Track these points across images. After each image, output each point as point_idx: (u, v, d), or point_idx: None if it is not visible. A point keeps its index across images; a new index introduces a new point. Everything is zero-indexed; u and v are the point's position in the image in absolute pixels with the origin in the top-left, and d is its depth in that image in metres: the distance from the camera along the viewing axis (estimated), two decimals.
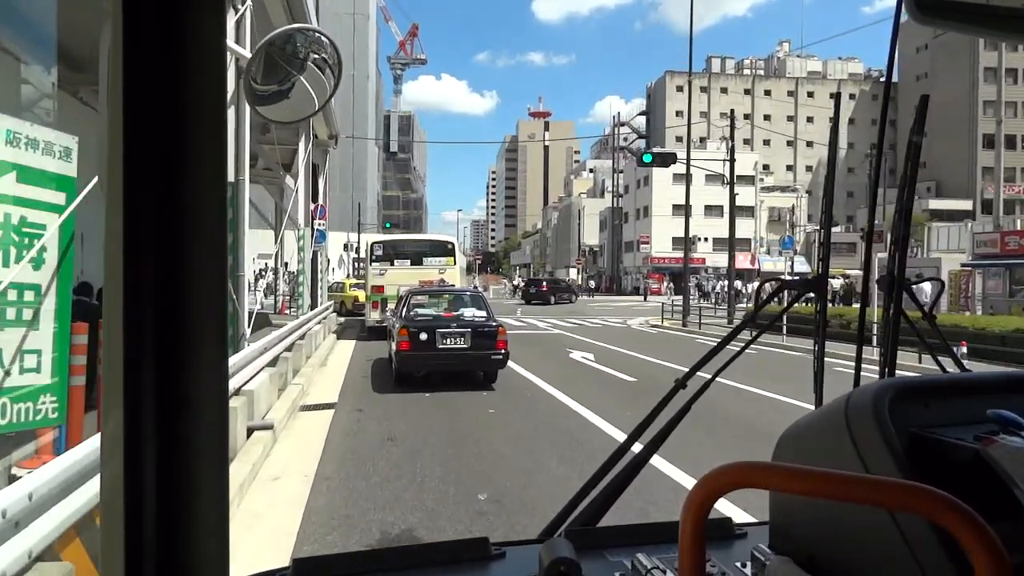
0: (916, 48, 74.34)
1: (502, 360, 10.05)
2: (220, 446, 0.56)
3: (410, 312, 10.81)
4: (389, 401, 9.17)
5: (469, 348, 9.88)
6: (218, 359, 0.55)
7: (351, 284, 29.54)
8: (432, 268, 17.89)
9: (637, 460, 1.23)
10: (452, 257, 18.55)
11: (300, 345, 11.63)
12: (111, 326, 0.53)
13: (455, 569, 0.99)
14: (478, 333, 10.03)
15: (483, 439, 7.14)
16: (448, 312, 11.09)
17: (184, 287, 0.53)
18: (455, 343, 9.86)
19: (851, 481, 0.52)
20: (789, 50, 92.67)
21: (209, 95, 0.54)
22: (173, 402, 0.53)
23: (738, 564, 0.97)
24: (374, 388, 10.28)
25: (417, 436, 7.21)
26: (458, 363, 10.03)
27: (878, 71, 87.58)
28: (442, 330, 9.90)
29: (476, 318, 10.71)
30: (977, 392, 0.90)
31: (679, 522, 0.55)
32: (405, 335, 9.74)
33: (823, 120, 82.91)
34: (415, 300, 11.33)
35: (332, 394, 9.79)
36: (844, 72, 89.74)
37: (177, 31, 0.52)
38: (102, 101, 0.55)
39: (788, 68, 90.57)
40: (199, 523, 0.54)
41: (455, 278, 17.73)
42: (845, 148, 79.51)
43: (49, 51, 9.57)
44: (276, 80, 1.15)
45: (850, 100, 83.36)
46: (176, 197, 0.53)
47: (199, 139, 0.53)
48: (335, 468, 6.05)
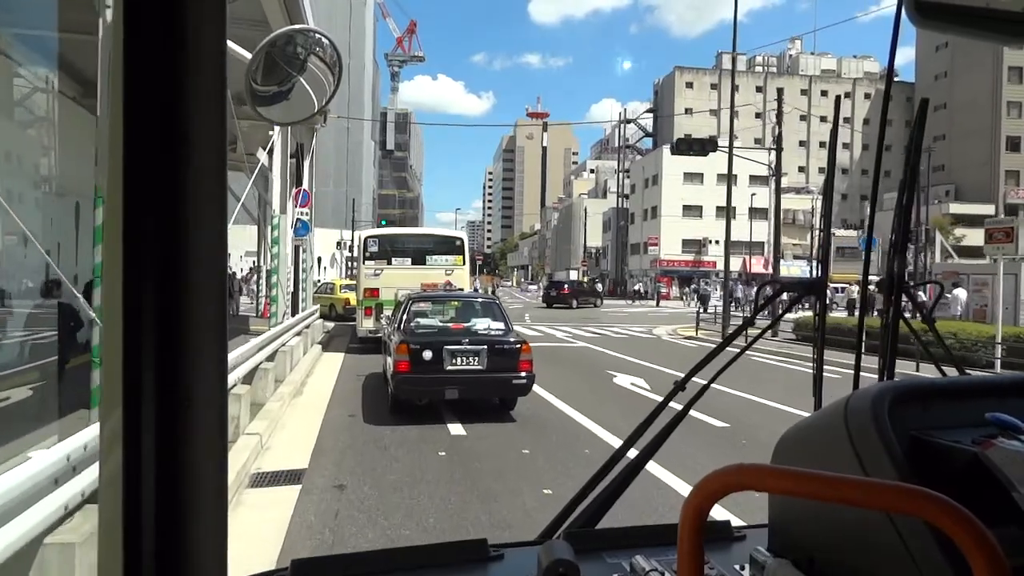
0: (936, 46, 74.19)
1: (526, 384, 8.54)
2: (219, 445, 0.58)
3: (411, 323, 9.35)
4: (385, 460, 6.63)
5: (485, 370, 8.35)
6: (218, 358, 0.57)
7: (342, 285, 27.61)
8: (437, 268, 15.75)
9: (636, 462, 1.25)
10: (461, 256, 16.31)
11: (267, 369, 9.48)
12: (110, 325, 0.54)
13: (454, 571, 1.01)
14: (496, 350, 8.46)
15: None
16: (457, 323, 9.59)
17: (183, 287, 0.54)
18: (467, 363, 8.34)
19: (850, 484, 0.54)
20: (801, 48, 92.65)
21: (209, 95, 0.55)
22: (172, 401, 0.54)
23: (737, 566, 0.99)
24: (363, 435, 7.68)
25: (435, 533, 4.84)
26: (471, 388, 8.46)
27: None
28: (451, 347, 8.33)
29: (492, 331, 9.17)
30: (976, 395, 0.92)
31: (678, 524, 0.57)
32: (405, 353, 8.22)
33: None
34: (417, 308, 9.88)
35: (303, 450, 6.98)
36: (860, 71, 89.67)
37: (177, 32, 0.53)
38: (102, 102, 0.57)
39: (801, 66, 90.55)
40: (198, 522, 0.55)
41: (463, 281, 15.79)
42: (860, 150, 79.46)
43: (49, 53, 9.64)
44: (276, 81, 1.17)
45: (865, 100, 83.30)
46: (175, 197, 0.54)
47: (199, 139, 0.55)
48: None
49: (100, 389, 0.58)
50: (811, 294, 1.23)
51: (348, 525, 4.97)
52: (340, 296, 26.01)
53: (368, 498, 5.55)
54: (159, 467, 0.54)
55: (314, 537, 4.76)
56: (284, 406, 9.02)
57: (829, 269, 1.23)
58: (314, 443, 7.32)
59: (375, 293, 15.55)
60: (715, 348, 1.25)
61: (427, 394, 8.53)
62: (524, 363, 8.48)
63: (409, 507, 5.33)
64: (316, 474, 6.19)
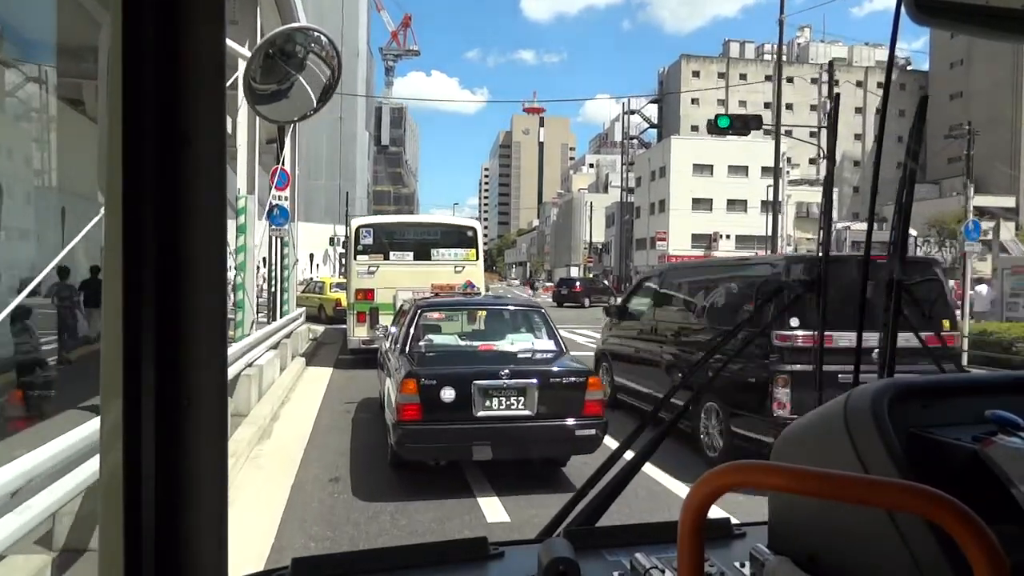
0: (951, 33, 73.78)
1: (595, 437, 5.85)
2: (219, 445, 0.60)
3: (420, 342, 6.72)
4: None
5: (534, 416, 5.75)
6: (218, 358, 0.59)
7: (332, 284, 25.35)
8: (446, 265, 13.20)
9: (636, 460, 1.28)
10: (474, 249, 13.64)
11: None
12: (110, 324, 0.55)
13: (454, 569, 1.03)
14: (551, 386, 5.87)
15: None
16: (487, 343, 6.99)
17: (184, 286, 0.56)
18: (507, 406, 5.73)
19: (850, 481, 0.55)
20: (811, 36, 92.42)
21: (209, 95, 0.57)
22: (172, 400, 0.56)
23: (737, 564, 1.01)
24: (349, 521, 5.21)
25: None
26: (511, 445, 5.81)
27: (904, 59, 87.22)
28: (483, 381, 5.72)
29: (540, 355, 6.63)
30: (976, 393, 0.94)
31: (678, 522, 0.59)
32: (413, 391, 5.58)
33: (849, 110, 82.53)
34: (428, 320, 7.26)
35: (253, 558, 4.27)
36: (871, 59, 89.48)
37: (177, 32, 0.55)
38: (101, 103, 0.59)
39: (811, 54, 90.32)
40: (198, 521, 0.57)
41: (478, 280, 12.94)
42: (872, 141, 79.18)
43: (48, 54, 9.69)
44: (275, 79, 1.18)
45: (878, 88, 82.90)
46: (175, 198, 0.56)
47: (198, 140, 0.56)
48: None
49: (101, 386, 0.58)
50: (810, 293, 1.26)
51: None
52: (330, 296, 24.12)
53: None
54: (159, 465, 0.55)
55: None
56: (239, 463, 6.44)
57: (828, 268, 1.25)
58: (271, 542, 4.74)
59: (369, 295, 13.06)
60: (715, 346, 1.28)
61: (446, 454, 5.90)
62: (592, 405, 5.89)
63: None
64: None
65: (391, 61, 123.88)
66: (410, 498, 5.65)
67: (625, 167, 68.02)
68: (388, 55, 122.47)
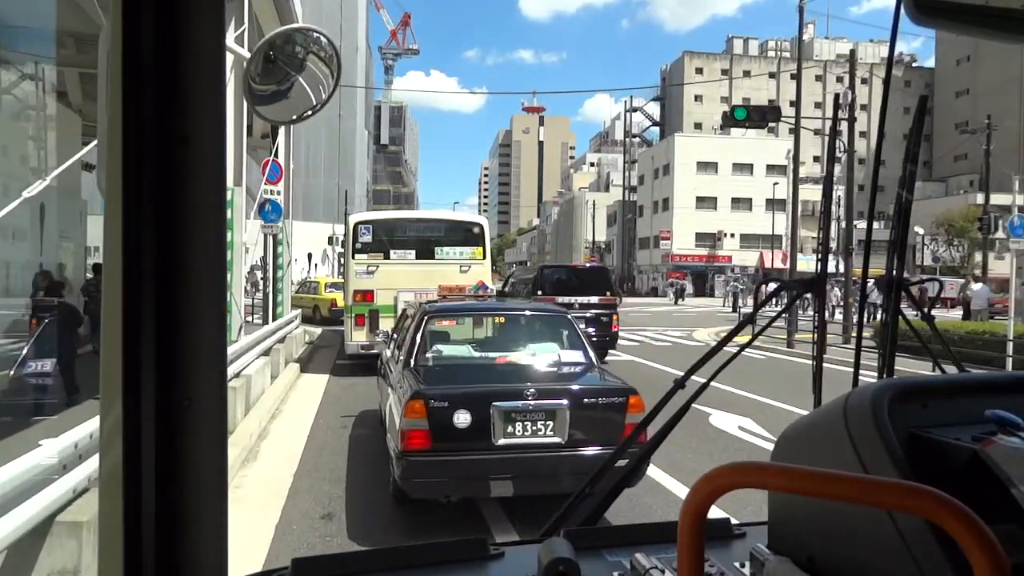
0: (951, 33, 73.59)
1: (639, 467, 2.09)
2: (219, 445, 0.60)
3: (427, 354, 5.87)
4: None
5: (566, 443, 4.89)
6: (218, 358, 0.60)
7: (327, 284, 24.80)
8: (451, 264, 12.49)
9: (636, 460, 1.29)
10: (481, 247, 12.85)
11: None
12: (110, 324, 0.56)
13: (454, 569, 1.04)
14: (586, 405, 5.02)
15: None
16: (505, 355, 6.07)
17: (184, 286, 0.57)
18: (533, 431, 4.88)
19: (849, 481, 0.56)
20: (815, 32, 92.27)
21: (208, 95, 0.58)
22: (172, 400, 0.57)
23: (737, 564, 1.02)
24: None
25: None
26: (536, 479, 4.96)
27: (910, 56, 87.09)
28: (504, 403, 4.86)
29: (568, 369, 5.82)
30: (975, 392, 0.95)
31: (678, 522, 0.59)
32: (421, 415, 4.77)
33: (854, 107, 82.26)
34: (436, 327, 6.38)
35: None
36: (877, 55, 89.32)
37: (177, 32, 0.56)
38: (101, 103, 0.60)
39: (815, 51, 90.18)
40: (198, 520, 0.58)
41: (486, 280, 12.49)
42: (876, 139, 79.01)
43: (47, 54, 9.76)
44: (275, 80, 1.19)
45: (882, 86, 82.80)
46: (175, 198, 0.57)
47: (198, 140, 0.57)
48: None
49: (101, 386, 0.58)
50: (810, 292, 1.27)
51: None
52: (325, 296, 23.57)
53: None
54: (159, 465, 0.56)
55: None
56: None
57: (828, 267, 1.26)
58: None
59: (368, 297, 12.31)
60: (715, 346, 1.29)
61: (459, 489, 4.99)
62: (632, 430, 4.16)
63: None
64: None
65: (390, 60, 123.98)
66: (416, 540, 4.42)
67: (627, 165, 67.94)
68: (387, 54, 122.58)
